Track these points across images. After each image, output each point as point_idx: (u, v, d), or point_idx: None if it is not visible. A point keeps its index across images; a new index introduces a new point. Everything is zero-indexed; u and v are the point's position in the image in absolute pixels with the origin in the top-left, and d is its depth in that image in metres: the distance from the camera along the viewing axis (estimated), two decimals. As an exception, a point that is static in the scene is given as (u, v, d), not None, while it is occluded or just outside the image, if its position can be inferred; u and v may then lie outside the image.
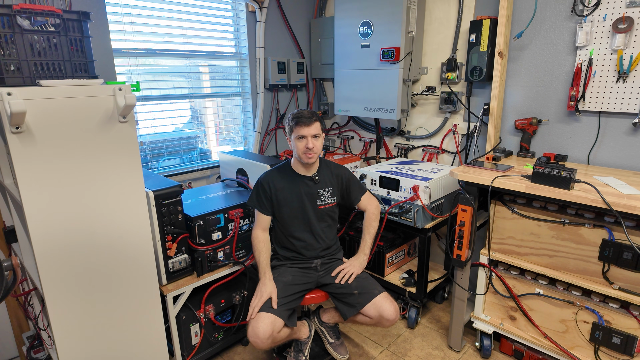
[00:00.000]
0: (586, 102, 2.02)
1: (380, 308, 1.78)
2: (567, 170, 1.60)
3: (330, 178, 1.98)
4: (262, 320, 1.67)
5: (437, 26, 2.57)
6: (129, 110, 1.40)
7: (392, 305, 1.79)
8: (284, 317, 1.73)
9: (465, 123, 2.52)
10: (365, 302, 1.81)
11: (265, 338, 1.65)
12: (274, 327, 1.68)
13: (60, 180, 1.32)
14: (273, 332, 1.67)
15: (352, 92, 2.79)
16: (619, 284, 1.62)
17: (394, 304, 1.80)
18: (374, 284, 1.88)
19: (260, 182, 1.93)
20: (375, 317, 1.79)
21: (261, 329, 1.65)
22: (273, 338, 1.69)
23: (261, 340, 1.65)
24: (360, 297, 1.83)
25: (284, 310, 1.75)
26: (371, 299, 1.80)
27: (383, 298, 1.81)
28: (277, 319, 1.70)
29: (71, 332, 1.43)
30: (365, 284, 1.88)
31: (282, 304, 1.76)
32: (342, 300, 1.88)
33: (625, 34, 1.84)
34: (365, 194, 2.07)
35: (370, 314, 1.80)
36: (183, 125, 2.71)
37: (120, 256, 1.51)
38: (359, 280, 1.89)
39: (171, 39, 2.48)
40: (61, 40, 1.37)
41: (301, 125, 1.79)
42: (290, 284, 1.86)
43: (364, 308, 1.80)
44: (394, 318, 1.78)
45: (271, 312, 1.70)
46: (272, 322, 1.68)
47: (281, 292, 1.81)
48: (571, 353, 1.79)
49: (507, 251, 1.95)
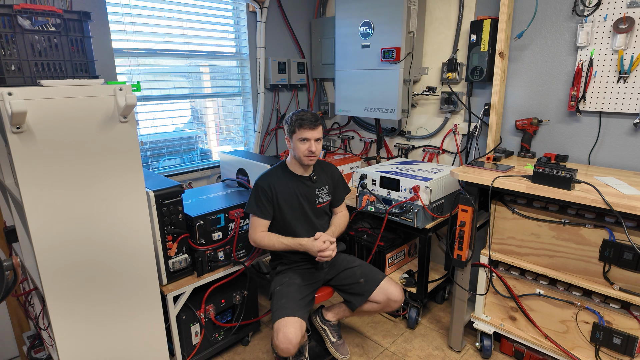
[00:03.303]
0: (587, 102, 2.02)
1: (387, 291, 1.87)
2: (567, 170, 1.60)
3: (325, 177, 2.02)
4: (292, 325, 1.65)
5: (437, 26, 2.57)
6: (130, 110, 1.40)
7: (397, 286, 1.91)
8: (306, 320, 1.74)
9: (465, 123, 2.52)
10: (372, 288, 1.88)
11: (298, 343, 1.64)
12: (302, 331, 1.68)
13: (60, 180, 1.32)
14: (302, 336, 1.68)
15: (353, 92, 2.79)
16: (620, 284, 1.62)
17: (398, 285, 1.94)
18: (376, 271, 1.96)
19: (259, 185, 1.89)
20: (383, 301, 1.87)
21: (293, 334, 1.62)
22: (300, 343, 1.69)
23: (294, 345, 1.62)
24: (367, 285, 1.89)
25: (306, 312, 1.77)
26: (377, 284, 1.89)
27: (388, 282, 1.92)
28: (303, 322, 1.71)
29: (71, 331, 1.43)
30: (368, 271, 1.95)
31: (302, 307, 1.77)
32: (349, 292, 1.92)
33: (626, 34, 1.84)
34: (346, 195, 2.13)
35: (378, 298, 1.87)
36: (184, 125, 2.71)
37: (121, 256, 1.51)
38: (362, 268, 1.96)
39: (172, 39, 2.48)
40: (62, 40, 1.37)
41: (306, 128, 1.79)
42: (304, 285, 1.88)
43: (372, 294, 1.87)
44: (401, 299, 1.90)
45: (297, 315, 1.70)
46: (301, 326, 1.68)
47: (299, 294, 1.81)
48: (572, 353, 1.79)
49: (508, 251, 1.95)
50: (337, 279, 1.94)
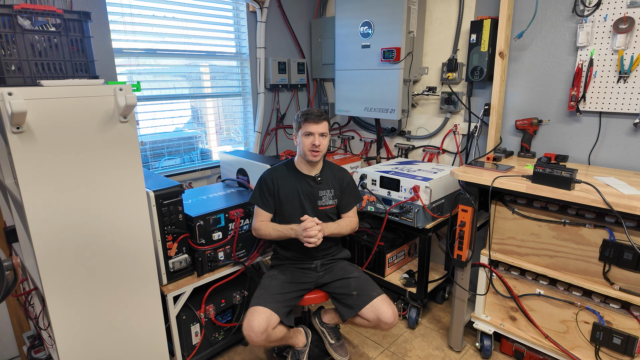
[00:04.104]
0: (587, 102, 2.02)
1: (378, 311, 1.76)
2: (567, 170, 1.60)
3: (332, 180, 1.98)
4: (258, 314, 1.66)
5: (437, 26, 2.57)
6: (130, 110, 1.40)
7: (390, 308, 1.78)
8: (280, 313, 1.72)
9: (465, 123, 2.52)
10: (363, 304, 1.80)
11: (260, 332, 1.64)
12: (269, 322, 1.67)
13: (60, 180, 1.32)
14: (268, 328, 1.66)
15: (353, 92, 2.79)
16: (620, 284, 1.62)
17: (392, 306, 1.79)
18: (373, 286, 1.87)
19: (263, 178, 1.93)
20: (373, 320, 1.78)
21: (256, 323, 1.64)
22: (268, 334, 1.68)
23: (255, 334, 1.64)
24: (358, 299, 1.82)
25: (282, 307, 1.75)
26: (369, 302, 1.79)
27: (381, 301, 1.79)
28: (273, 314, 1.69)
29: (71, 331, 1.43)
30: (364, 284, 1.87)
31: (280, 301, 1.76)
32: (341, 302, 1.87)
33: (626, 34, 1.84)
34: (356, 205, 2.04)
35: (368, 316, 1.78)
36: (184, 125, 2.71)
37: (121, 256, 1.51)
38: (358, 281, 1.89)
39: (172, 39, 2.48)
40: (62, 40, 1.37)
41: (310, 122, 1.81)
42: (289, 282, 1.87)
43: (362, 310, 1.79)
44: (392, 322, 1.77)
45: (268, 306, 1.70)
46: (268, 317, 1.67)
47: (279, 288, 1.81)
48: (572, 353, 1.79)
49: (508, 251, 1.95)
50: (332, 286, 1.91)
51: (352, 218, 2.02)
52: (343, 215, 2.03)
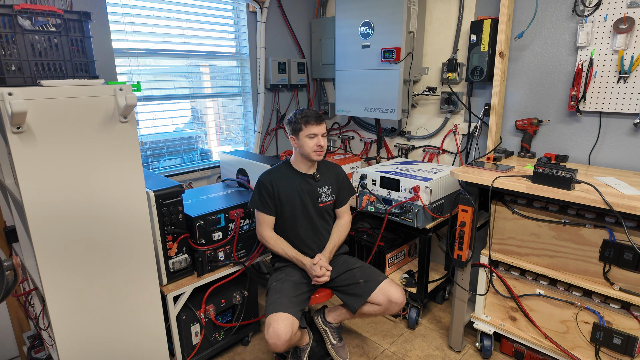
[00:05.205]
0: (587, 102, 2.02)
1: (387, 292, 1.83)
2: (567, 170, 1.60)
3: (329, 176, 2.02)
4: (282, 321, 1.65)
5: (437, 26, 2.57)
6: (130, 110, 1.40)
7: (399, 288, 1.86)
8: (298, 317, 1.73)
9: (465, 123, 2.52)
10: (372, 289, 1.85)
11: (287, 340, 1.63)
12: (293, 328, 1.67)
13: (60, 180, 1.32)
14: (292, 333, 1.67)
15: (353, 92, 2.79)
16: (620, 284, 1.62)
17: (399, 287, 1.88)
18: (377, 272, 1.94)
19: (261, 181, 1.93)
20: (383, 302, 1.83)
21: (282, 330, 1.62)
22: (290, 340, 1.68)
23: (282, 342, 1.62)
24: (366, 286, 1.86)
25: (298, 310, 1.76)
26: (377, 286, 1.85)
27: (388, 283, 1.87)
28: (295, 319, 1.70)
29: (72, 331, 1.43)
30: (369, 272, 1.92)
31: (296, 304, 1.76)
32: (348, 293, 1.90)
33: (626, 35, 1.84)
34: (351, 197, 2.12)
35: (378, 300, 1.83)
36: (184, 125, 2.71)
37: (121, 256, 1.51)
38: (363, 270, 1.93)
39: (172, 39, 2.48)
40: (62, 40, 1.37)
41: (312, 124, 1.85)
42: (299, 283, 1.88)
43: (371, 296, 1.84)
44: (402, 301, 1.84)
45: (289, 312, 1.69)
46: (292, 323, 1.67)
47: (293, 291, 1.81)
48: (572, 354, 1.79)
49: (508, 251, 1.95)
50: (337, 281, 1.94)
51: (346, 219, 2.10)
52: (338, 210, 2.08)
